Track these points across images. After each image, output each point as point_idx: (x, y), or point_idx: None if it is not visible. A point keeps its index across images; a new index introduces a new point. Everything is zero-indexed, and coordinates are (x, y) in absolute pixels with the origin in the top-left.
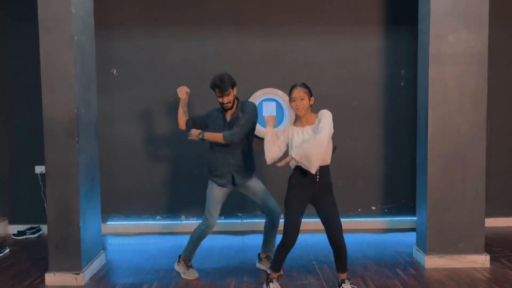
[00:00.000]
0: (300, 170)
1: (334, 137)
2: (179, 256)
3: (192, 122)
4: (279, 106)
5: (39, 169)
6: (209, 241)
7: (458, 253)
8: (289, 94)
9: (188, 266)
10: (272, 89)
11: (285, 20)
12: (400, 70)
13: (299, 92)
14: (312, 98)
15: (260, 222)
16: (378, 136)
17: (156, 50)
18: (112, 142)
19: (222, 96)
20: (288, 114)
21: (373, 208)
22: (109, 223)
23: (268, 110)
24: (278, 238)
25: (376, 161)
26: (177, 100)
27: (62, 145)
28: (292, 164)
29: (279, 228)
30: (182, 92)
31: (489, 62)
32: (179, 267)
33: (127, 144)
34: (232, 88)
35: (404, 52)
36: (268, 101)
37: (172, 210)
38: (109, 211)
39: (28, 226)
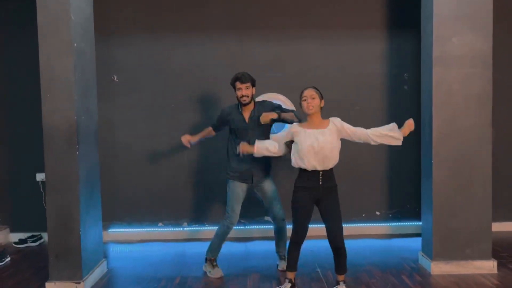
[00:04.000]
0: (304, 174)
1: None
2: (206, 258)
3: (217, 126)
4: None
5: (40, 176)
6: None
7: (465, 259)
8: (300, 96)
9: (214, 265)
10: (275, 94)
11: (287, 25)
12: (403, 74)
13: (309, 91)
14: (323, 101)
15: (263, 228)
16: None
17: (157, 56)
18: (114, 149)
19: (241, 88)
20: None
21: (377, 213)
22: (110, 230)
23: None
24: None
25: (380, 166)
26: (178, 106)
27: (62, 153)
28: (294, 164)
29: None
30: (185, 142)
31: (494, 64)
32: (205, 267)
33: (129, 151)
34: (252, 85)
35: (407, 55)
36: None
37: (174, 217)
38: (110, 218)
39: (29, 234)
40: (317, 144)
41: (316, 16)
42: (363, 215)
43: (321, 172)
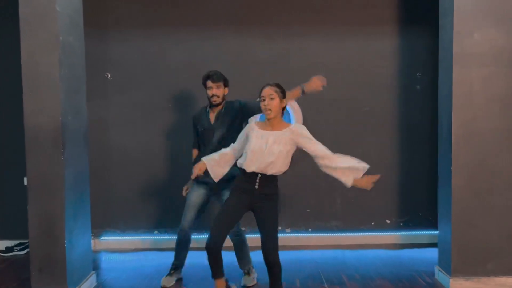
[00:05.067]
0: (243, 174)
1: (345, 143)
2: None
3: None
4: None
5: None
6: None
7: (486, 275)
8: (259, 93)
9: (169, 273)
10: None
11: (291, 20)
12: (416, 72)
13: (268, 90)
14: (284, 101)
15: None
16: (392, 143)
17: (153, 52)
18: (107, 150)
19: (212, 87)
20: (295, 121)
21: (388, 221)
22: (103, 238)
23: None
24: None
25: (390, 171)
26: (175, 105)
27: (46, 156)
28: (239, 164)
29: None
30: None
31: None
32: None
33: (123, 153)
34: (224, 85)
35: (420, 53)
36: None
37: (171, 224)
38: (103, 225)
39: (17, 241)
40: (265, 146)
41: (322, 11)
42: (372, 223)
43: (259, 175)
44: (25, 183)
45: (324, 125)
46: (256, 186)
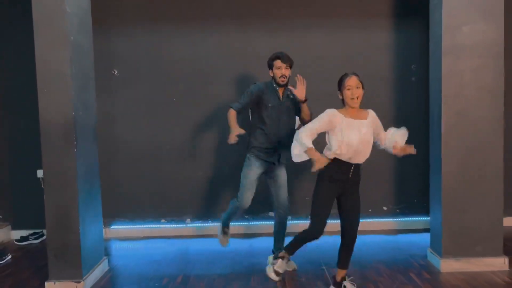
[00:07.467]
0: (337, 164)
1: None
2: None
3: (244, 107)
4: None
5: (41, 173)
6: (214, 246)
7: (475, 256)
8: (341, 83)
9: (224, 232)
10: None
11: (291, 14)
12: (411, 65)
13: (354, 80)
14: (364, 92)
15: (269, 224)
16: None
17: (159, 48)
18: (115, 143)
19: (281, 68)
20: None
21: (384, 208)
22: (113, 227)
23: None
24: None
25: (387, 159)
26: (180, 99)
27: (60, 150)
28: (329, 155)
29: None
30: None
31: (505, 54)
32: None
33: (130, 146)
34: (290, 67)
35: (415, 46)
36: None
37: (177, 213)
38: (113, 215)
39: (31, 231)
40: (359, 136)
41: (321, 4)
42: (370, 210)
43: (353, 165)
44: (38, 175)
45: None
46: (350, 175)
